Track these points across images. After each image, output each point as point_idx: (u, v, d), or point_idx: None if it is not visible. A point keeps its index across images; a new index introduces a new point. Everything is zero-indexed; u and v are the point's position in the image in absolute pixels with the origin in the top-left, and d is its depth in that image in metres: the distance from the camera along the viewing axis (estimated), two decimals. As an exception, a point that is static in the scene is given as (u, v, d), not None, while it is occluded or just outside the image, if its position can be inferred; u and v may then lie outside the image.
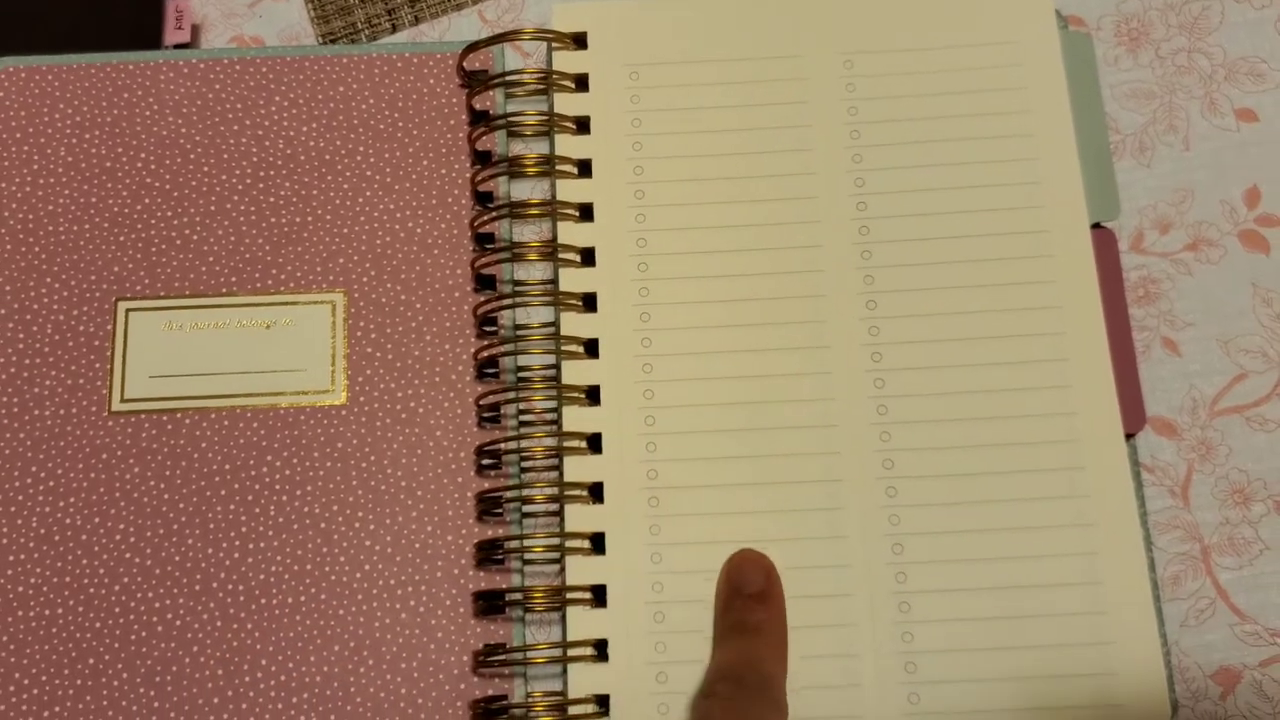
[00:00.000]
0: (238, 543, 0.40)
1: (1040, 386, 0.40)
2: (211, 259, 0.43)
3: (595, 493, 0.40)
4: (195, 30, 0.48)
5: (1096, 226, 0.42)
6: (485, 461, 0.41)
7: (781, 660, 0.38)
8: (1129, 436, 0.40)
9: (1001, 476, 0.39)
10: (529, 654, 0.39)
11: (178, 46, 0.46)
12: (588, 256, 0.42)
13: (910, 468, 0.40)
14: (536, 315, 0.43)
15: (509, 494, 0.40)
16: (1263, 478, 0.41)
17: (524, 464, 0.41)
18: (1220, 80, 0.45)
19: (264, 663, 0.39)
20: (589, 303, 0.42)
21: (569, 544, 0.39)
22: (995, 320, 0.41)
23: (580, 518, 0.40)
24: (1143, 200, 0.44)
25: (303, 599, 0.40)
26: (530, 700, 0.39)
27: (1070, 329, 0.41)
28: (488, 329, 0.43)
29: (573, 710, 0.38)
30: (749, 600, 0.38)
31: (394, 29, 0.48)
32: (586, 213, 0.42)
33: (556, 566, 0.40)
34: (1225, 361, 0.42)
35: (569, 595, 0.39)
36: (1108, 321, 0.41)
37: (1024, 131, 0.42)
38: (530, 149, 0.45)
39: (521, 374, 0.42)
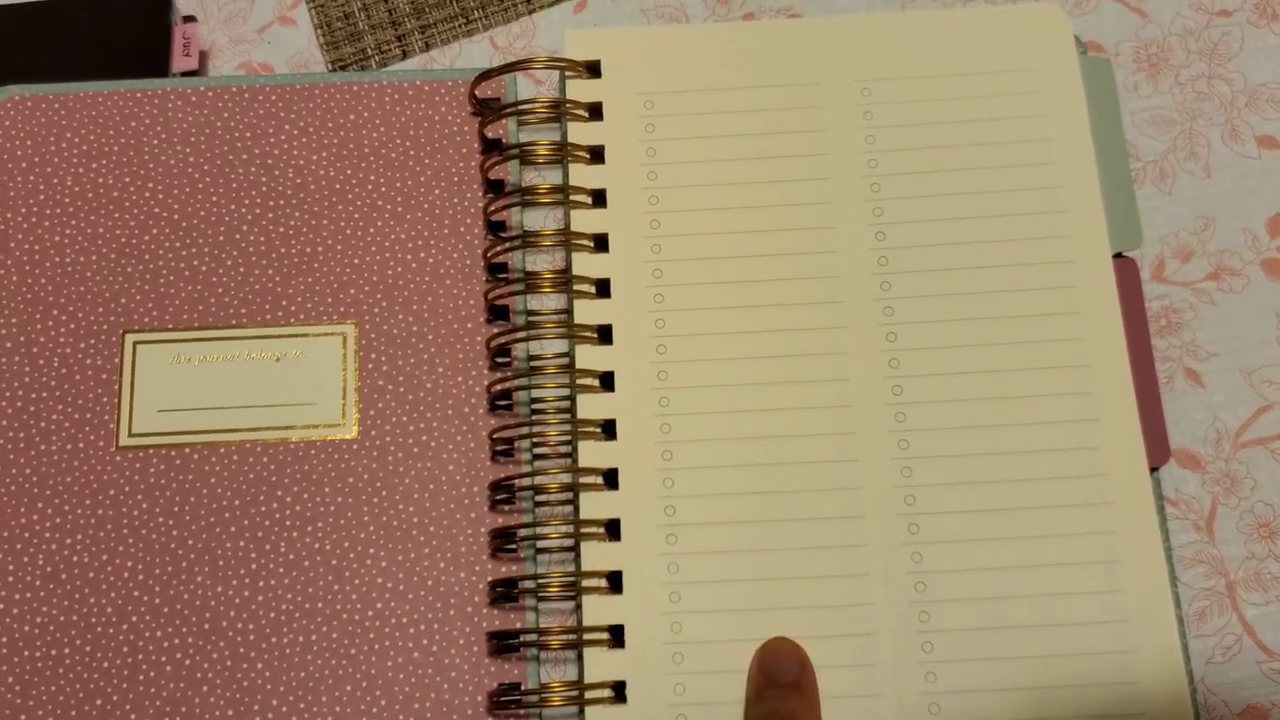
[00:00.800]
0: (247, 580, 0.40)
1: (1063, 420, 0.40)
2: (220, 290, 0.43)
3: (612, 530, 0.39)
4: (203, 57, 0.47)
5: (1118, 256, 0.41)
6: (499, 497, 0.41)
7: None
8: (1153, 470, 0.40)
9: (1025, 512, 0.39)
10: (545, 695, 0.38)
11: (185, 74, 0.46)
12: (603, 288, 0.42)
13: (932, 504, 0.39)
14: (551, 347, 0.42)
15: (523, 531, 0.40)
16: (1289, 511, 0.40)
17: (538, 500, 0.41)
18: (1241, 107, 0.44)
19: (275, 702, 0.39)
20: (604, 335, 0.41)
21: (585, 583, 0.39)
22: (1017, 353, 0.40)
23: (597, 555, 0.39)
24: (1164, 228, 0.43)
25: (314, 637, 0.39)
26: (547, 742, 0.38)
27: (1093, 361, 0.40)
28: (501, 361, 0.42)
29: (591, 752, 0.38)
30: (784, 689, 0.37)
31: (404, 55, 0.47)
32: (601, 243, 0.42)
33: (572, 604, 0.39)
34: (1249, 393, 0.41)
35: (586, 635, 0.38)
36: (1131, 353, 0.40)
37: (1044, 160, 0.42)
38: (543, 177, 0.44)
39: (536, 407, 0.41)
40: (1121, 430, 0.39)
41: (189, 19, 0.47)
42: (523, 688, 0.38)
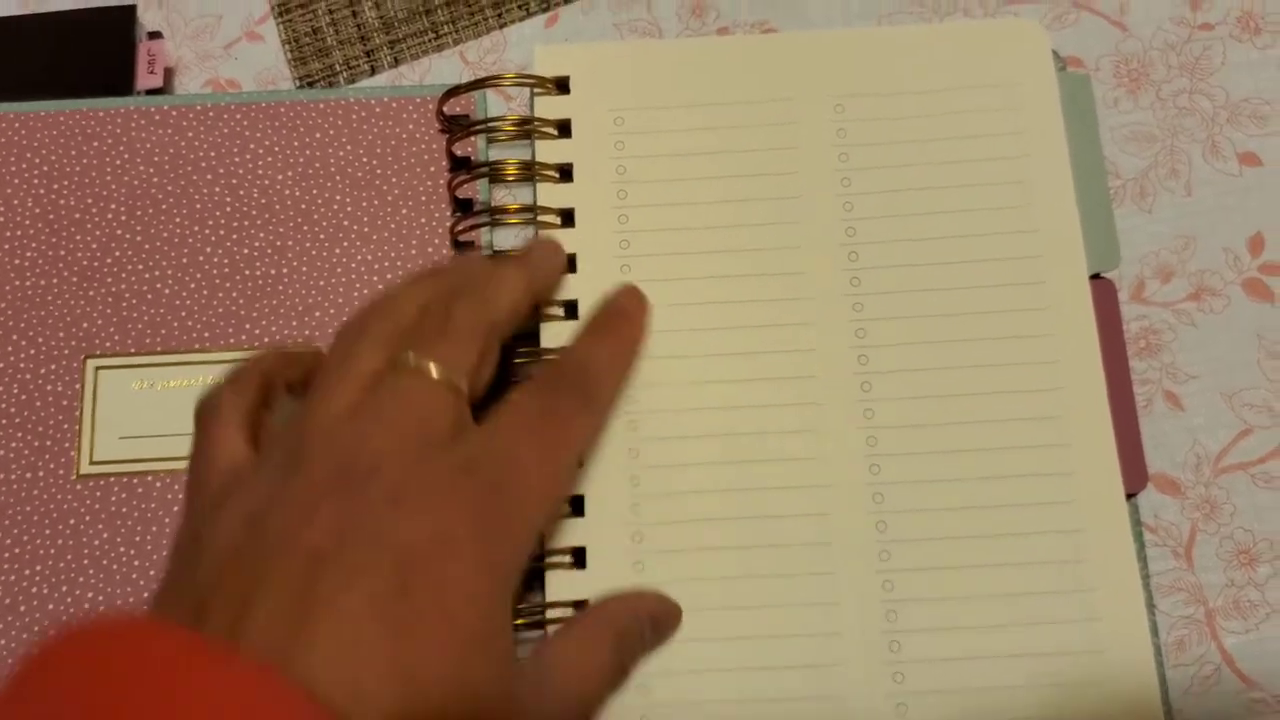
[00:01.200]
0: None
1: (1039, 445, 0.39)
2: (184, 314, 0.42)
3: (578, 557, 0.39)
4: (169, 74, 0.46)
5: (1096, 276, 0.41)
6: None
7: (617, 375, 0.38)
8: (1130, 496, 0.39)
9: (999, 540, 0.38)
10: None
11: (150, 92, 0.45)
12: (571, 309, 0.41)
13: (903, 531, 0.38)
14: (521, 370, 0.41)
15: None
16: (1269, 537, 0.39)
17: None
18: (1223, 123, 0.43)
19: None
20: (572, 359, 0.40)
21: (550, 614, 0.38)
22: (991, 375, 0.39)
23: (563, 583, 0.38)
24: (1144, 248, 0.42)
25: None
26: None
27: (1069, 384, 0.39)
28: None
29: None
30: (613, 314, 0.39)
31: (373, 71, 0.46)
32: (570, 263, 0.41)
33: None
34: (1229, 416, 0.41)
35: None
36: (1108, 376, 0.39)
37: (1021, 178, 0.41)
38: (514, 196, 0.44)
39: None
40: (1097, 456, 0.39)
41: (154, 35, 0.46)
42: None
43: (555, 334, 0.40)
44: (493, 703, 0.29)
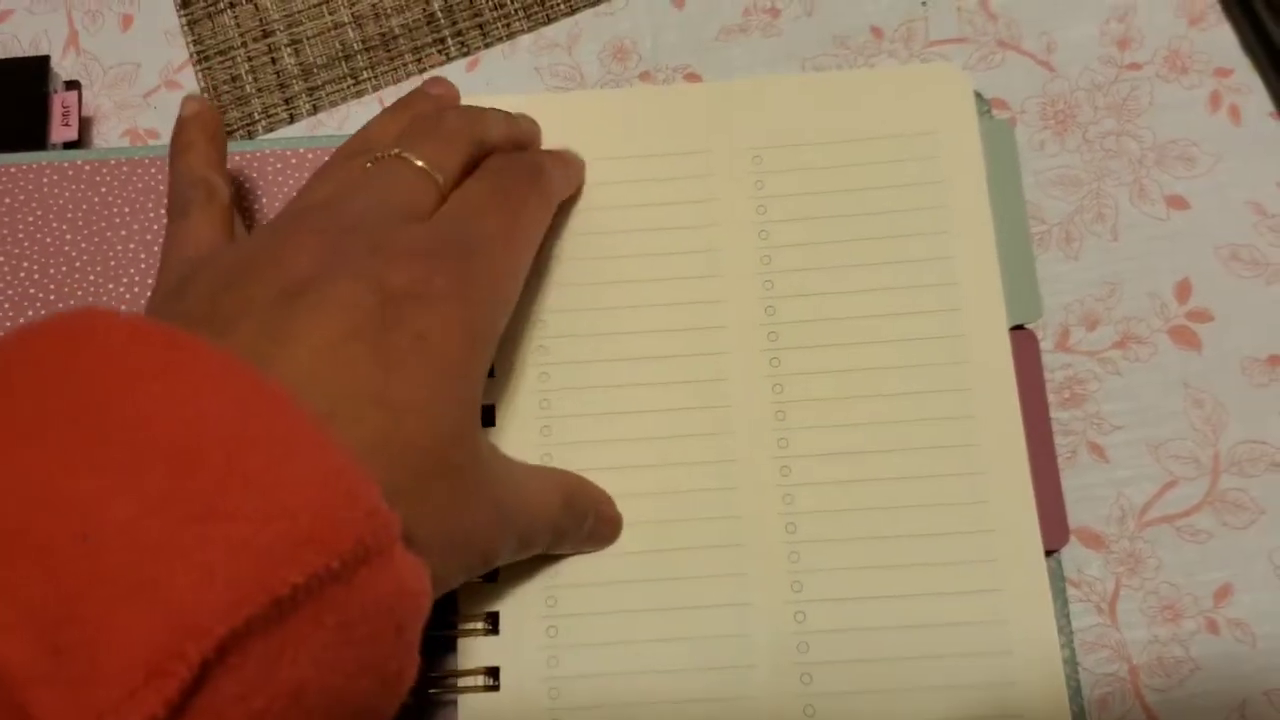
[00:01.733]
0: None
1: (957, 502, 0.38)
2: (96, 374, 0.41)
3: (491, 622, 0.38)
4: (87, 123, 0.46)
5: (1018, 328, 0.40)
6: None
7: (562, 180, 0.39)
8: (1051, 553, 0.38)
9: (917, 599, 0.37)
10: None
11: (66, 145, 0.44)
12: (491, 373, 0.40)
13: (819, 590, 0.38)
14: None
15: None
16: (1193, 592, 0.39)
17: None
18: (1150, 165, 0.43)
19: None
20: (487, 413, 0.40)
21: (463, 682, 0.38)
22: (909, 431, 0.39)
23: (477, 652, 0.38)
24: (1068, 295, 0.42)
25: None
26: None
27: (987, 440, 0.39)
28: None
29: None
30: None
31: (291, 119, 0.46)
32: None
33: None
34: (1155, 468, 0.40)
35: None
36: (1028, 430, 0.39)
37: (941, 229, 0.40)
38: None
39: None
40: (1015, 513, 0.38)
41: (71, 85, 0.46)
42: None
43: None
44: (463, 449, 0.30)
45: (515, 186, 0.36)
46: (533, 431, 0.39)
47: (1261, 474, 0.40)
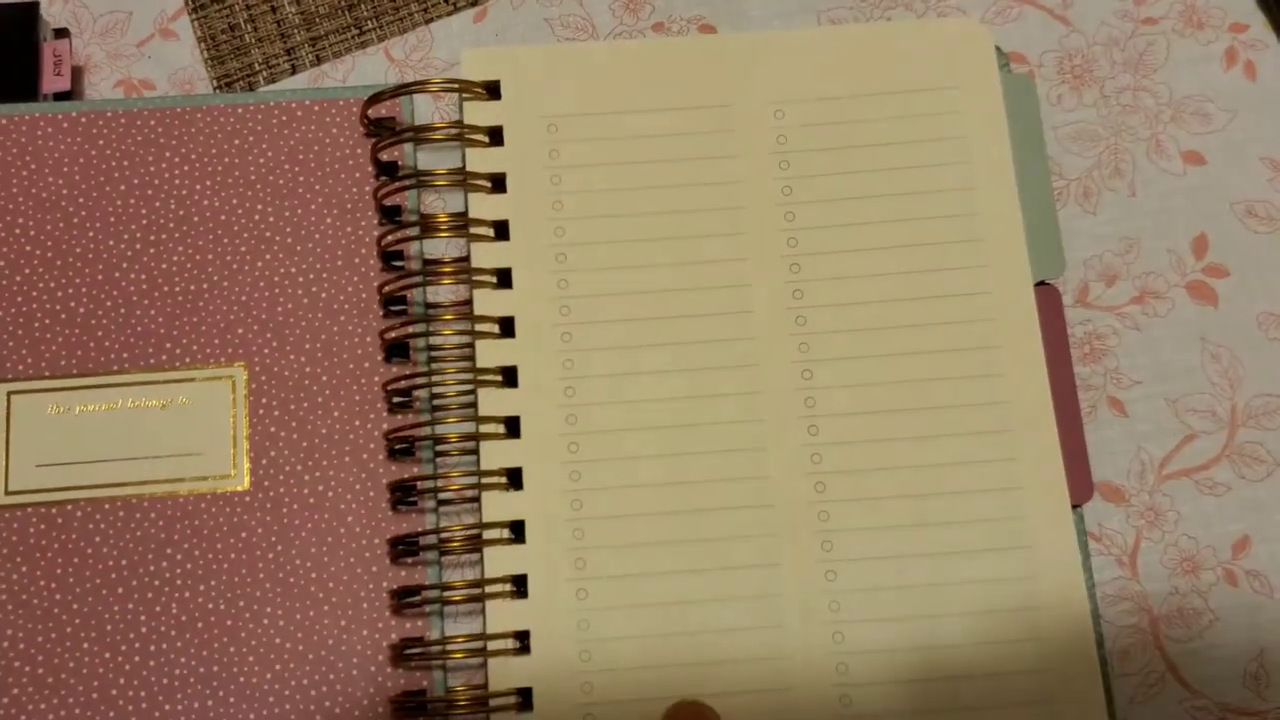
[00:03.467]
0: (137, 645, 0.38)
1: (986, 460, 0.38)
2: (100, 334, 0.40)
3: (519, 584, 0.38)
4: (78, 74, 0.44)
5: (1040, 284, 0.40)
6: (401, 548, 0.39)
7: None
8: (1075, 507, 0.38)
9: (946, 557, 0.38)
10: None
11: (57, 95, 0.43)
12: (506, 326, 0.39)
13: (849, 550, 0.38)
14: (453, 388, 0.40)
15: (428, 592, 0.38)
16: (1212, 545, 0.39)
17: (443, 554, 0.39)
18: (1166, 121, 0.43)
19: (169, 775, 0.37)
20: (509, 377, 0.39)
21: (492, 645, 0.37)
22: (936, 390, 0.39)
23: (504, 615, 0.37)
24: (1088, 251, 0.42)
25: (209, 703, 0.37)
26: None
27: (1014, 398, 0.39)
28: (399, 401, 0.40)
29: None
30: None
31: (294, 70, 0.44)
32: (505, 278, 0.40)
33: (479, 661, 0.38)
34: (1174, 422, 0.40)
35: (493, 701, 0.37)
36: (1053, 387, 0.39)
37: (965, 185, 0.40)
38: (444, 202, 0.42)
39: (439, 452, 0.40)
40: (1043, 469, 0.38)
41: (61, 33, 0.44)
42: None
43: (491, 351, 0.39)
44: None
45: None
46: (556, 393, 0.39)
47: (1278, 427, 0.40)
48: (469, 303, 0.40)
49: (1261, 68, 0.43)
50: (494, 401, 0.39)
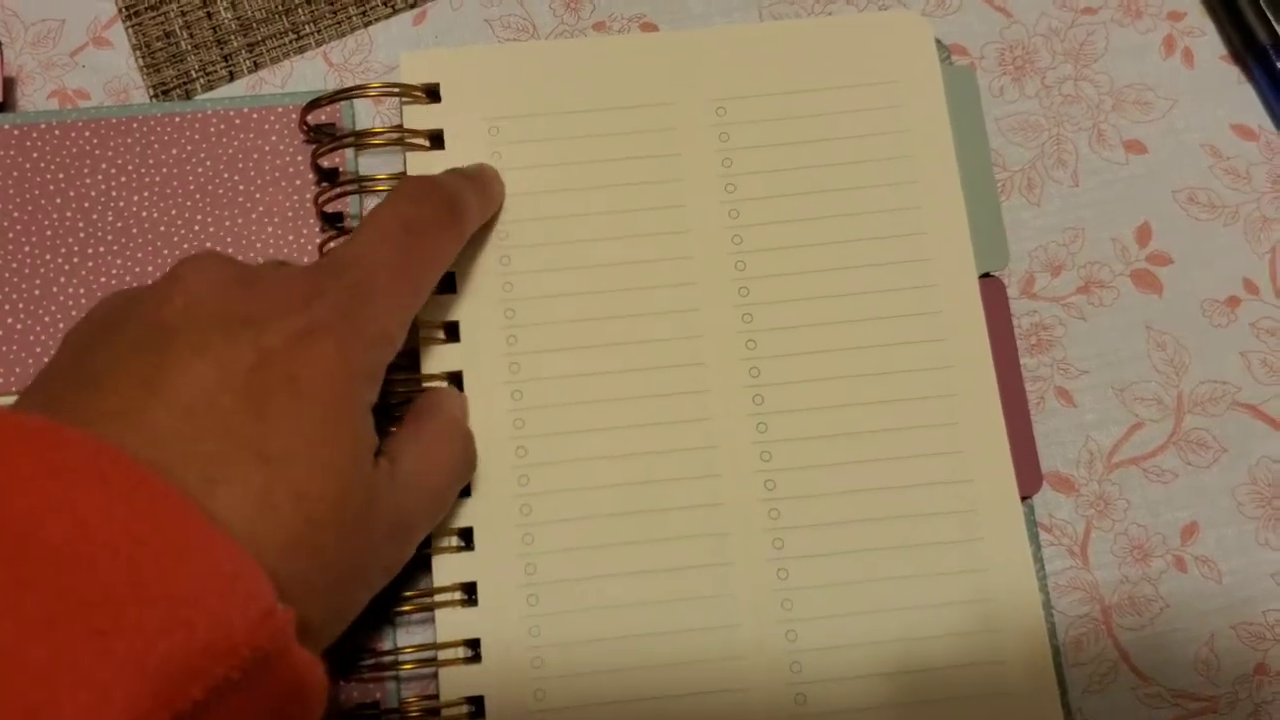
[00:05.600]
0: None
1: (933, 453, 0.38)
2: (39, 350, 0.39)
3: (469, 592, 0.37)
4: (10, 84, 0.43)
5: (985, 276, 0.40)
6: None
7: (480, 198, 0.38)
8: (1025, 498, 0.39)
9: (894, 551, 0.38)
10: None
11: (-11, 107, 0.42)
12: (451, 331, 0.39)
13: (800, 547, 0.38)
14: (400, 393, 0.40)
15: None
16: (1161, 532, 0.40)
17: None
18: (1108, 110, 0.43)
19: None
20: (455, 382, 0.39)
21: (443, 655, 0.37)
22: (883, 384, 0.39)
23: (454, 624, 0.37)
24: (1032, 242, 0.42)
25: None
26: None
27: (961, 391, 0.39)
28: (347, 411, 0.40)
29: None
30: (477, 169, 0.39)
31: (231, 77, 0.44)
32: (448, 283, 0.39)
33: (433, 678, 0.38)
34: (1121, 411, 0.41)
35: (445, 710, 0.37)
36: (1000, 379, 0.39)
37: (907, 179, 0.40)
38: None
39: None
40: (991, 462, 0.38)
41: (-9, 44, 0.43)
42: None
43: (436, 357, 0.39)
44: (351, 485, 0.30)
45: (424, 217, 0.35)
46: (503, 397, 0.38)
47: (1223, 413, 0.40)
48: (414, 310, 0.40)
49: (1199, 54, 0.43)
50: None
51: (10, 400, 0.39)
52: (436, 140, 0.41)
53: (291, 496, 0.28)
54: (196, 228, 0.41)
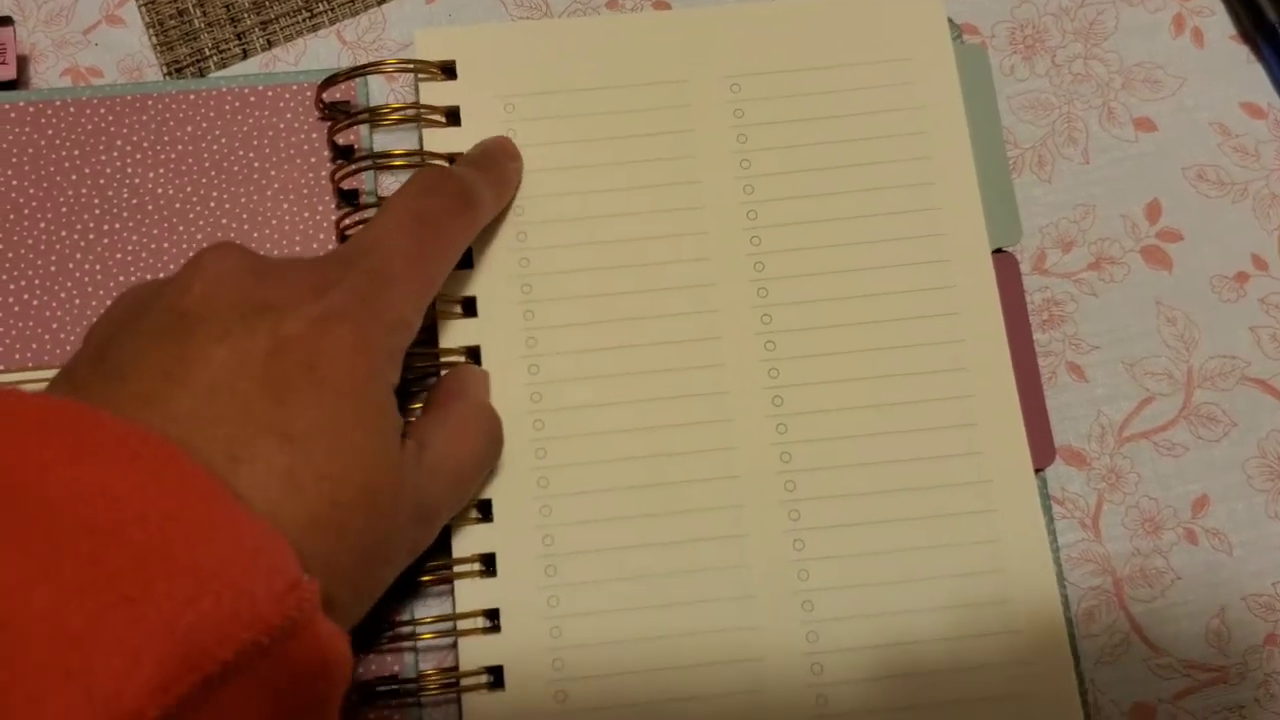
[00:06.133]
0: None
1: (948, 426, 0.39)
2: (55, 326, 0.39)
3: (487, 563, 0.38)
4: (22, 63, 0.43)
5: (998, 251, 0.40)
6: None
7: (494, 188, 0.38)
8: (1038, 471, 0.39)
9: (909, 522, 0.38)
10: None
11: (3, 85, 0.42)
12: (469, 306, 0.39)
13: (815, 518, 0.38)
14: (415, 373, 0.40)
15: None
16: (1172, 505, 0.40)
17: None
18: (1118, 88, 0.43)
19: None
20: (473, 357, 0.39)
21: (462, 625, 0.37)
22: (898, 358, 0.39)
23: (473, 594, 0.37)
24: (1043, 218, 0.42)
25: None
26: None
27: (975, 364, 0.39)
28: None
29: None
30: (493, 153, 0.39)
31: (245, 54, 0.44)
32: (465, 259, 0.40)
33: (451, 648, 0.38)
34: (1132, 385, 0.41)
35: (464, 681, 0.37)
36: (1013, 352, 0.39)
37: (921, 155, 0.40)
38: (400, 183, 0.42)
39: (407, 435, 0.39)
40: (1005, 434, 0.39)
41: (4, 21, 0.43)
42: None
43: (453, 332, 0.39)
44: (375, 466, 0.30)
45: (437, 207, 0.35)
46: (520, 370, 0.39)
47: (1232, 388, 0.41)
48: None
49: (1208, 34, 0.44)
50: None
51: (28, 376, 0.39)
52: (452, 117, 0.41)
53: (315, 477, 0.28)
54: (212, 204, 0.41)
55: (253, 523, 0.26)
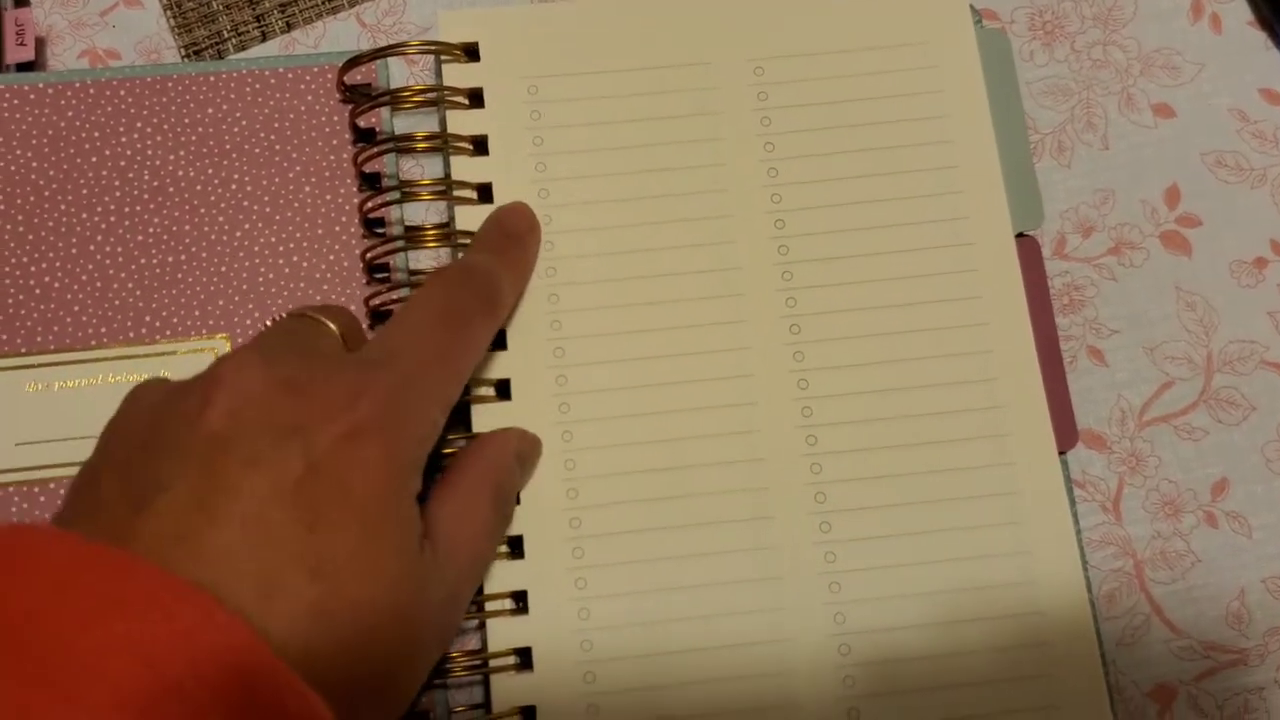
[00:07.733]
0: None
1: (972, 409, 0.39)
2: (77, 308, 0.39)
3: (515, 546, 0.38)
4: (40, 44, 0.43)
5: (1020, 235, 0.41)
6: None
7: (515, 280, 0.38)
8: (1061, 454, 0.39)
9: (933, 505, 0.38)
10: (454, 727, 0.36)
11: (21, 66, 0.42)
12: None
13: (840, 500, 0.38)
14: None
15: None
16: (1192, 488, 0.40)
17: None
18: (1137, 75, 0.43)
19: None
20: (497, 341, 0.39)
21: (491, 606, 0.37)
22: (922, 341, 0.39)
23: (502, 577, 0.37)
24: (1063, 203, 0.42)
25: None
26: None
27: (998, 347, 0.39)
28: (387, 370, 0.40)
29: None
30: (509, 235, 0.39)
31: (264, 37, 0.44)
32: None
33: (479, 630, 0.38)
34: (1152, 370, 0.41)
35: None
36: (1036, 335, 0.39)
37: (943, 138, 0.41)
38: (423, 169, 0.42)
39: (428, 419, 0.39)
40: (1030, 416, 0.39)
41: (22, 2, 0.43)
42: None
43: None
44: (401, 586, 0.30)
45: (462, 305, 0.35)
46: (545, 354, 0.39)
47: (1251, 372, 0.41)
48: (452, 268, 0.40)
49: (1226, 20, 0.44)
50: (483, 365, 0.39)
51: (50, 359, 0.38)
52: (475, 99, 0.41)
53: (345, 605, 0.28)
54: (234, 187, 0.40)
55: (297, 686, 0.26)
